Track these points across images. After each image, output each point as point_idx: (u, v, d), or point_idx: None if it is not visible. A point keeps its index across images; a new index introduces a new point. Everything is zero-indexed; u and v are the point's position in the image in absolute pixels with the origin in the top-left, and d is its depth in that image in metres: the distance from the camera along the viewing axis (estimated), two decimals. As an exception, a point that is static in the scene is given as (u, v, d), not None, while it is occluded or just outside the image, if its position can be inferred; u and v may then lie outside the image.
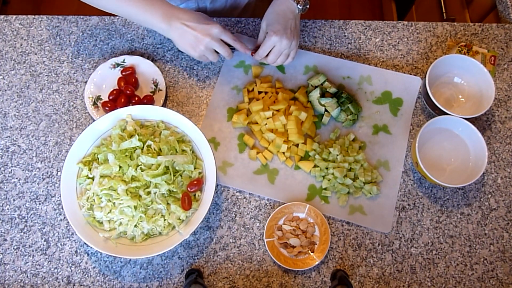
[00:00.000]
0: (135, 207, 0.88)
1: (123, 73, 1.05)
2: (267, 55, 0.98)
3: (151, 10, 0.92)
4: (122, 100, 1.02)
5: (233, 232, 0.96)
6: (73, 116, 1.05)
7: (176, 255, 0.94)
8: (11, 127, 1.05)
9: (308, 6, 0.97)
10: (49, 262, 0.94)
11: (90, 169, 0.92)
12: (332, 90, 1.03)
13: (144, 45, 1.11)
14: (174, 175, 0.91)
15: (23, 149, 1.03)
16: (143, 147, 0.92)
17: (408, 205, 0.97)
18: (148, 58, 1.08)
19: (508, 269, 0.93)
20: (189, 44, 0.93)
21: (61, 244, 0.96)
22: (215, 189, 0.90)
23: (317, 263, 0.91)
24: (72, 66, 1.10)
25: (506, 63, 1.08)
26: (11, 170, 1.01)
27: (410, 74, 1.07)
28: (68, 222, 0.96)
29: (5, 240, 0.96)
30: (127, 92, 1.03)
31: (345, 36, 1.11)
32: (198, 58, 0.97)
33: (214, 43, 0.94)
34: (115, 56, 1.08)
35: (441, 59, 0.99)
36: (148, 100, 1.03)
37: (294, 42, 0.96)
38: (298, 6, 0.95)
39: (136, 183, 0.90)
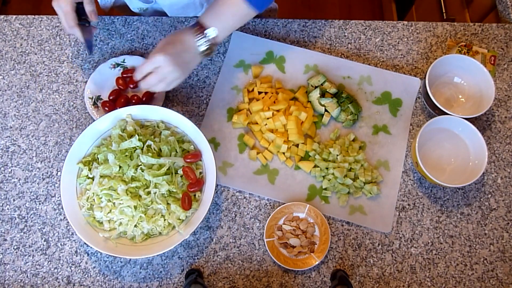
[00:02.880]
0: (135, 207, 0.88)
1: (124, 75, 1.05)
2: (145, 76, 0.87)
3: None
4: (122, 100, 1.02)
5: (233, 232, 0.96)
6: (73, 116, 1.05)
7: (176, 255, 0.94)
8: (11, 127, 1.05)
9: (212, 54, 0.91)
10: (49, 262, 0.94)
11: (90, 169, 0.92)
12: (332, 90, 1.03)
13: (144, 45, 1.11)
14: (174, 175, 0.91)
15: (23, 149, 1.03)
16: (143, 147, 0.92)
17: (408, 205, 0.97)
18: (148, 58, 1.08)
19: (508, 269, 0.93)
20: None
21: (61, 244, 0.96)
22: (215, 189, 0.90)
23: (317, 263, 0.91)
24: (72, 66, 1.09)
25: (506, 63, 1.08)
26: (11, 170, 1.01)
27: (410, 74, 1.07)
28: (68, 222, 0.96)
29: (5, 240, 0.96)
30: (130, 86, 1.03)
31: (345, 36, 1.11)
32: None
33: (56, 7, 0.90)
34: (115, 56, 1.08)
35: (441, 59, 0.99)
36: (148, 97, 1.02)
37: (178, 73, 0.86)
38: (200, 46, 0.87)
39: (136, 183, 0.90)
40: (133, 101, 1.02)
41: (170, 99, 1.06)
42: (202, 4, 1.16)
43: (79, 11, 0.93)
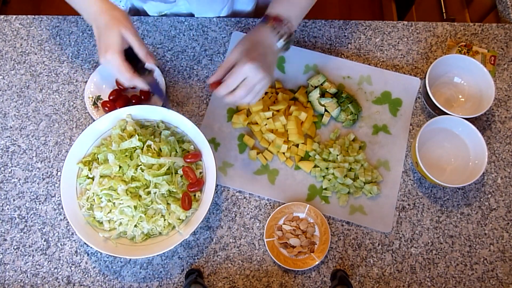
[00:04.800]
0: (135, 207, 0.88)
1: None
2: (234, 89, 0.79)
3: (88, 4, 0.81)
4: (122, 100, 1.01)
5: (233, 232, 0.96)
6: (73, 116, 1.05)
7: (176, 255, 0.94)
8: (11, 127, 1.05)
9: (290, 46, 0.86)
10: (49, 262, 0.94)
11: (90, 169, 0.92)
12: (332, 90, 1.03)
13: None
14: (174, 175, 0.91)
15: (23, 149, 1.03)
16: (143, 147, 0.92)
17: (408, 205, 0.97)
18: (148, 58, 1.08)
19: (508, 269, 0.93)
20: (99, 50, 0.80)
21: (61, 244, 0.96)
22: (215, 189, 0.90)
23: (317, 263, 0.91)
24: (72, 66, 1.10)
25: (506, 63, 1.08)
26: (11, 170, 1.01)
27: (410, 74, 1.07)
28: (68, 222, 0.96)
29: (5, 240, 0.96)
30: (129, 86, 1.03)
31: (345, 36, 1.11)
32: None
33: (108, 65, 0.79)
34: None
35: (441, 59, 0.99)
36: (145, 96, 1.02)
37: (266, 80, 0.79)
38: (280, 40, 0.82)
39: (136, 183, 0.90)
40: (133, 101, 1.02)
41: (170, 99, 1.06)
42: None
43: (131, 55, 0.80)
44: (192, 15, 1.17)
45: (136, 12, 1.21)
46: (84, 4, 0.82)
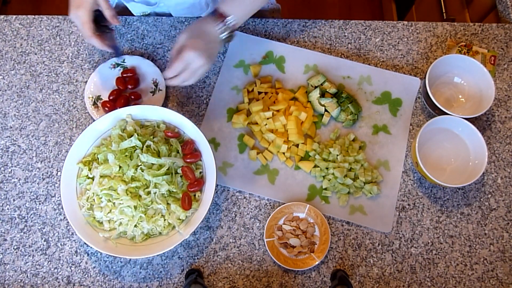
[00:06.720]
0: (135, 207, 0.88)
1: (124, 75, 1.05)
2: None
3: None
4: (122, 100, 1.02)
5: (233, 232, 0.96)
6: (73, 116, 1.05)
7: (176, 255, 0.94)
8: (11, 127, 1.05)
9: (232, 39, 0.94)
10: (49, 262, 0.94)
11: (90, 169, 0.92)
12: (332, 90, 1.03)
13: (144, 45, 1.11)
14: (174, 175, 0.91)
15: (23, 149, 1.03)
16: (142, 147, 0.92)
17: (408, 205, 0.97)
18: (148, 58, 1.08)
19: (508, 269, 0.93)
20: (71, 5, 0.89)
21: (61, 244, 0.96)
22: (215, 189, 0.90)
23: (317, 263, 0.91)
24: (72, 66, 1.10)
25: (506, 63, 1.08)
26: (11, 170, 1.01)
27: (410, 74, 1.07)
28: (68, 222, 0.96)
29: (5, 240, 0.96)
30: (128, 86, 1.03)
31: (345, 36, 1.11)
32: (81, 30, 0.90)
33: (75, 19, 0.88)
34: (115, 56, 1.08)
35: (441, 59, 0.99)
36: (136, 96, 1.03)
37: (207, 66, 0.89)
38: (223, 34, 0.90)
39: (136, 183, 0.90)
40: (132, 97, 1.03)
41: (170, 99, 1.06)
42: (207, 4, 1.16)
43: (99, 18, 0.91)
44: (168, 15, 1.19)
45: (123, 9, 1.23)
46: None
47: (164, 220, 0.89)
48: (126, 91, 1.05)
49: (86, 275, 0.93)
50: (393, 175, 0.99)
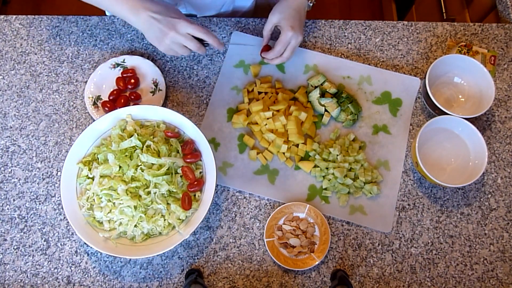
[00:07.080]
0: (135, 207, 0.88)
1: (124, 75, 1.05)
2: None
3: (121, 1, 0.88)
4: (122, 100, 1.02)
5: (233, 232, 0.96)
6: (73, 116, 1.05)
7: (176, 255, 0.94)
8: (11, 127, 1.05)
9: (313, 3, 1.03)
10: (49, 262, 0.94)
11: (90, 169, 0.92)
12: (332, 90, 1.03)
13: (144, 45, 1.11)
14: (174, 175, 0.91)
15: (23, 149, 1.03)
16: (142, 147, 0.92)
17: (408, 205, 0.97)
18: (148, 58, 1.08)
19: (508, 269, 0.93)
20: (155, 37, 0.90)
21: (61, 244, 0.96)
22: (215, 189, 0.90)
23: (317, 263, 0.91)
24: (72, 66, 1.10)
25: (506, 63, 1.08)
26: (11, 170, 1.01)
27: (410, 74, 1.07)
28: (68, 222, 0.96)
29: (5, 240, 0.96)
30: (128, 86, 1.03)
31: (345, 36, 1.11)
32: (165, 52, 0.93)
33: (180, 37, 0.89)
34: (115, 56, 1.09)
35: (441, 59, 0.99)
36: (135, 96, 1.03)
37: (301, 38, 0.99)
38: (309, 3, 1.01)
39: (136, 183, 0.90)
40: (132, 97, 1.03)
41: (170, 99, 1.06)
42: None
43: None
44: (193, 15, 1.18)
45: None
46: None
47: (164, 220, 0.89)
48: (126, 91, 1.05)
49: (86, 275, 0.93)
50: (393, 175, 0.99)
